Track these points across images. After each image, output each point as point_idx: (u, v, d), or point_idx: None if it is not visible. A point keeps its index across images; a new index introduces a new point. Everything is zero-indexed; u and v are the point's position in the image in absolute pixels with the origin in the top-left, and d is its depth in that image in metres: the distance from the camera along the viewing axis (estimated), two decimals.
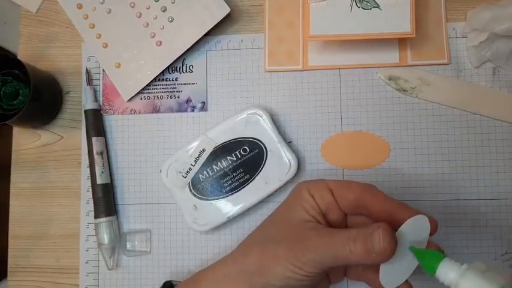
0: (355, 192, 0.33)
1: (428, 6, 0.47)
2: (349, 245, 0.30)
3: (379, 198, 0.33)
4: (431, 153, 0.46)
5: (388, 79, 0.47)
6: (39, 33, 0.52)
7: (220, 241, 0.47)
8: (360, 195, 0.33)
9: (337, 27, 0.44)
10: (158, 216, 0.48)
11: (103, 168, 0.48)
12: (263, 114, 0.46)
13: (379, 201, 0.33)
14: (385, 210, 0.32)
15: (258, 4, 0.50)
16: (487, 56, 0.46)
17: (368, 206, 0.33)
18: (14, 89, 0.48)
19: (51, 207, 0.50)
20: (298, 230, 0.33)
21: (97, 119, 0.49)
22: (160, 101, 0.50)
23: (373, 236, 0.29)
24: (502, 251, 0.45)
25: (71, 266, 0.49)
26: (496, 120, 0.46)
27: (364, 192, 0.33)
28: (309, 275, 0.31)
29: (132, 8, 0.49)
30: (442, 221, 0.45)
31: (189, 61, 0.50)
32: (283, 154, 0.45)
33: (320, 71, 0.48)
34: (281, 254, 0.32)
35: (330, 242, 0.31)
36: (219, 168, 0.46)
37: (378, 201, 0.33)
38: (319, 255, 0.31)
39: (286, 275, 0.31)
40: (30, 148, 0.51)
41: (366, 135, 0.47)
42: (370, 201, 0.33)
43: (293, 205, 0.35)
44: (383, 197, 0.33)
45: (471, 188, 0.46)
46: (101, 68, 0.50)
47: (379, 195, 0.33)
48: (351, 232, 0.30)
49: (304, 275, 0.31)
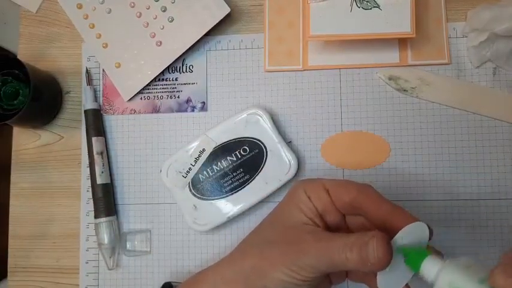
0: (351, 193, 0.33)
1: (428, 6, 0.47)
2: (346, 252, 0.29)
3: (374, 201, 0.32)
4: (431, 153, 0.46)
5: (388, 79, 0.47)
6: (39, 33, 0.52)
7: (220, 241, 0.48)
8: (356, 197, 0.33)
9: (337, 27, 0.44)
10: (158, 216, 0.48)
11: (103, 168, 0.48)
12: (263, 114, 0.46)
13: (374, 203, 0.32)
14: (380, 213, 0.32)
15: (258, 4, 0.50)
16: (487, 56, 0.46)
17: (363, 208, 0.32)
18: (14, 89, 0.48)
19: (51, 207, 0.50)
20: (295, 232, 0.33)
21: (97, 119, 0.49)
22: (160, 101, 0.50)
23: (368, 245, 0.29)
24: (502, 251, 0.45)
25: (71, 266, 0.49)
26: (496, 120, 0.46)
27: (359, 193, 0.33)
28: (305, 280, 0.31)
29: (132, 8, 0.49)
30: (442, 221, 0.45)
31: (189, 61, 0.50)
32: (283, 154, 0.45)
33: (320, 71, 0.48)
34: (277, 258, 0.32)
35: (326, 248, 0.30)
36: (219, 168, 0.46)
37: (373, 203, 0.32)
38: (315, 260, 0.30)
39: (282, 279, 0.31)
40: (30, 148, 0.51)
41: (366, 135, 0.47)
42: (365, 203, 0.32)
43: (290, 207, 0.35)
44: (378, 200, 0.32)
45: (471, 188, 0.45)
46: (101, 68, 0.50)
47: (374, 197, 0.33)
48: (349, 238, 0.30)
49: (300, 279, 0.31)
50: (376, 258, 0.28)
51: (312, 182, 0.35)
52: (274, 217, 0.36)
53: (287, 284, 0.31)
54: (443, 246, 0.45)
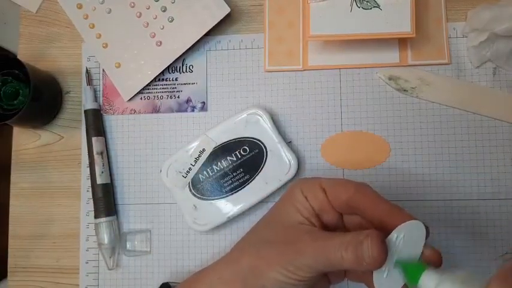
0: (347, 192, 0.33)
1: (428, 6, 0.47)
2: (341, 251, 0.29)
3: (371, 200, 0.32)
4: (431, 153, 0.46)
5: (388, 79, 0.47)
6: (39, 33, 0.52)
7: (220, 241, 0.48)
8: (353, 196, 0.32)
9: (337, 27, 0.44)
10: (158, 216, 0.48)
11: (103, 168, 0.48)
12: (263, 114, 0.46)
13: (372, 203, 0.32)
14: (377, 212, 0.31)
15: (258, 4, 0.50)
16: (487, 56, 0.46)
17: (360, 207, 0.32)
18: (14, 89, 0.48)
19: (51, 207, 0.50)
20: (292, 232, 0.33)
21: (97, 119, 0.49)
22: (160, 101, 0.50)
23: (363, 244, 0.28)
24: (502, 251, 0.45)
25: (71, 266, 0.49)
26: (496, 120, 0.46)
27: (356, 192, 0.32)
28: (302, 279, 0.31)
29: (132, 8, 0.49)
30: (442, 221, 0.45)
31: (189, 61, 0.50)
32: (283, 154, 0.45)
33: (320, 71, 0.48)
34: (274, 258, 0.31)
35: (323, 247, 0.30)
36: (219, 168, 0.46)
37: (370, 203, 0.32)
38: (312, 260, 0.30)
39: (279, 279, 0.31)
40: (30, 148, 0.51)
41: (366, 135, 0.47)
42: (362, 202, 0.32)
43: (286, 206, 0.34)
44: (375, 199, 0.32)
45: (471, 188, 0.45)
46: (101, 68, 0.50)
47: (371, 197, 0.32)
48: (345, 238, 0.30)
49: (297, 279, 0.31)
50: (371, 257, 0.28)
51: (308, 182, 0.35)
52: (271, 217, 0.36)
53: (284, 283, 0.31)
54: (443, 246, 0.45)
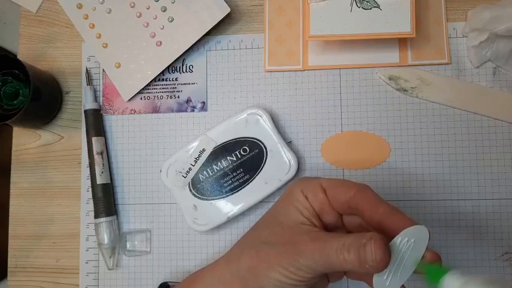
0: (348, 193, 0.33)
1: (428, 6, 0.47)
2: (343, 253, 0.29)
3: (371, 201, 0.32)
4: (431, 153, 0.46)
5: (388, 79, 0.47)
6: (39, 33, 0.52)
7: (220, 241, 0.48)
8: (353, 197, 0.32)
9: (337, 27, 0.44)
10: (158, 216, 0.48)
11: (103, 168, 0.48)
12: (263, 114, 0.46)
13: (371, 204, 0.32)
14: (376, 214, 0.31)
15: (258, 4, 0.50)
16: (487, 56, 0.46)
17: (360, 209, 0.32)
18: (14, 89, 0.48)
19: (51, 207, 0.50)
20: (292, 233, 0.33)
21: (97, 119, 0.49)
22: (160, 101, 0.50)
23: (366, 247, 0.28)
24: (502, 251, 0.45)
25: (71, 266, 0.49)
26: (496, 120, 0.46)
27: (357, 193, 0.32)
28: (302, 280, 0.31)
29: (132, 8, 0.49)
30: (442, 221, 0.45)
31: (189, 61, 0.50)
32: (283, 154, 0.45)
33: (320, 71, 0.48)
34: (274, 259, 0.31)
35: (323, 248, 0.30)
36: (219, 168, 0.46)
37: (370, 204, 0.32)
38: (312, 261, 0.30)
39: (279, 280, 0.31)
40: (30, 148, 0.51)
41: (366, 135, 0.47)
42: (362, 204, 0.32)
43: (286, 206, 0.34)
44: (375, 200, 0.32)
45: (471, 188, 0.46)
46: (101, 68, 0.50)
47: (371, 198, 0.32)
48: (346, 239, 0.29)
49: (297, 280, 0.31)
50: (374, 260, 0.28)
51: (309, 182, 0.34)
52: (270, 217, 0.36)
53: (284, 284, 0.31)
54: (443, 246, 0.45)
